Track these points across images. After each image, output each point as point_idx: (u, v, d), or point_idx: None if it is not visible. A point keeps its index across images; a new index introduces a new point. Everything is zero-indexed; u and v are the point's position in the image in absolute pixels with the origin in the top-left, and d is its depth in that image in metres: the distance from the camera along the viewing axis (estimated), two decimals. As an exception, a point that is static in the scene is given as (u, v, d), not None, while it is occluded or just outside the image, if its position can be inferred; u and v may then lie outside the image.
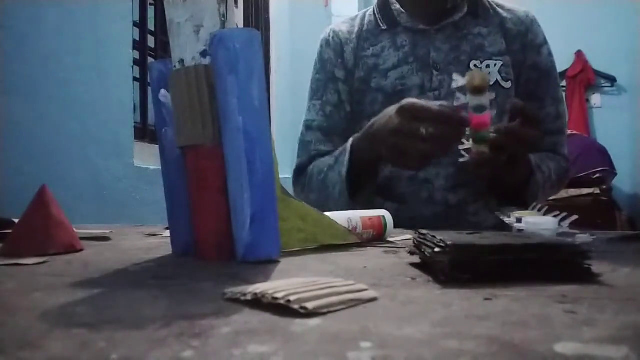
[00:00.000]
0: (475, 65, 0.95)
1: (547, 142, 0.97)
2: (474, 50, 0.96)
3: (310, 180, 0.96)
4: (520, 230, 0.54)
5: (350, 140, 0.87)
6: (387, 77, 0.97)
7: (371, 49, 1.00)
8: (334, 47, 1.03)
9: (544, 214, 0.59)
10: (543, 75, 0.99)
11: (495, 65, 0.96)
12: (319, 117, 1.01)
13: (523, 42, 0.98)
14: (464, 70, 0.95)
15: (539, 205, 0.64)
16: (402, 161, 0.74)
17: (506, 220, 0.61)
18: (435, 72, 0.96)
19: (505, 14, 1.00)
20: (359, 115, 0.99)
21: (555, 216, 0.55)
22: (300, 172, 1.02)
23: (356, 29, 1.04)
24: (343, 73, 1.02)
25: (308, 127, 1.02)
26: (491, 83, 0.94)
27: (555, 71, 1.02)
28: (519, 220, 0.56)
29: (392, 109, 0.75)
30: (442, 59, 0.96)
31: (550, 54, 1.00)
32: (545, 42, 1.01)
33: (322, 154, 0.98)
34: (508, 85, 0.96)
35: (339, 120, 1.01)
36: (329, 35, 1.05)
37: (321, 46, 1.06)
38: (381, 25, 1.01)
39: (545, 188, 0.91)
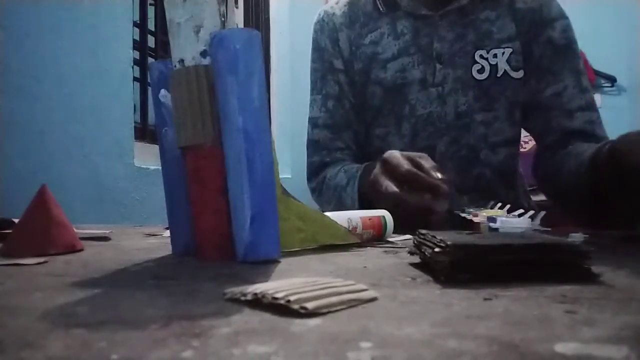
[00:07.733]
0: (481, 56, 0.88)
1: (579, 119, 0.86)
2: (481, 39, 0.88)
3: (327, 190, 0.92)
4: (494, 229, 0.55)
5: (362, 168, 0.82)
6: (386, 69, 0.90)
7: (369, 36, 0.93)
8: (328, 34, 0.96)
9: (505, 211, 0.60)
10: (559, 50, 0.89)
11: (503, 54, 0.88)
12: (323, 114, 0.95)
13: (534, 18, 0.89)
14: (469, 61, 0.88)
15: (492, 202, 0.65)
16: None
17: (465, 215, 0.62)
18: (438, 66, 0.88)
19: None
20: (361, 107, 0.93)
21: (520, 215, 0.56)
22: (313, 173, 0.97)
23: (352, 11, 0.95)
24: (341, 62, 0.95)
25: (314, 124, 0.97)
26: (499, 75, 0.88)
27: (575, 45, 0.90)
28: (492, 220, 0.56)
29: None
30: (446, 49, 0.88)
31: (565, 30, 0.90)
32: (562, 17, 0.90)
33: (333, 151, 0.94)
34: (519, 75, 0.88)
35: (344, 113, 0.95)
36: (322, 19, 0.98)
37: (315, 31, 0.99)
38: (380, 8, 0.92)
39: None
